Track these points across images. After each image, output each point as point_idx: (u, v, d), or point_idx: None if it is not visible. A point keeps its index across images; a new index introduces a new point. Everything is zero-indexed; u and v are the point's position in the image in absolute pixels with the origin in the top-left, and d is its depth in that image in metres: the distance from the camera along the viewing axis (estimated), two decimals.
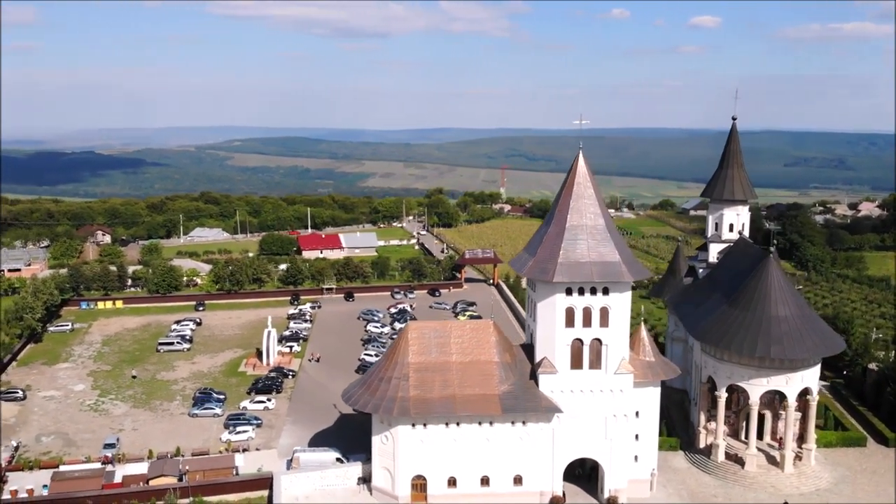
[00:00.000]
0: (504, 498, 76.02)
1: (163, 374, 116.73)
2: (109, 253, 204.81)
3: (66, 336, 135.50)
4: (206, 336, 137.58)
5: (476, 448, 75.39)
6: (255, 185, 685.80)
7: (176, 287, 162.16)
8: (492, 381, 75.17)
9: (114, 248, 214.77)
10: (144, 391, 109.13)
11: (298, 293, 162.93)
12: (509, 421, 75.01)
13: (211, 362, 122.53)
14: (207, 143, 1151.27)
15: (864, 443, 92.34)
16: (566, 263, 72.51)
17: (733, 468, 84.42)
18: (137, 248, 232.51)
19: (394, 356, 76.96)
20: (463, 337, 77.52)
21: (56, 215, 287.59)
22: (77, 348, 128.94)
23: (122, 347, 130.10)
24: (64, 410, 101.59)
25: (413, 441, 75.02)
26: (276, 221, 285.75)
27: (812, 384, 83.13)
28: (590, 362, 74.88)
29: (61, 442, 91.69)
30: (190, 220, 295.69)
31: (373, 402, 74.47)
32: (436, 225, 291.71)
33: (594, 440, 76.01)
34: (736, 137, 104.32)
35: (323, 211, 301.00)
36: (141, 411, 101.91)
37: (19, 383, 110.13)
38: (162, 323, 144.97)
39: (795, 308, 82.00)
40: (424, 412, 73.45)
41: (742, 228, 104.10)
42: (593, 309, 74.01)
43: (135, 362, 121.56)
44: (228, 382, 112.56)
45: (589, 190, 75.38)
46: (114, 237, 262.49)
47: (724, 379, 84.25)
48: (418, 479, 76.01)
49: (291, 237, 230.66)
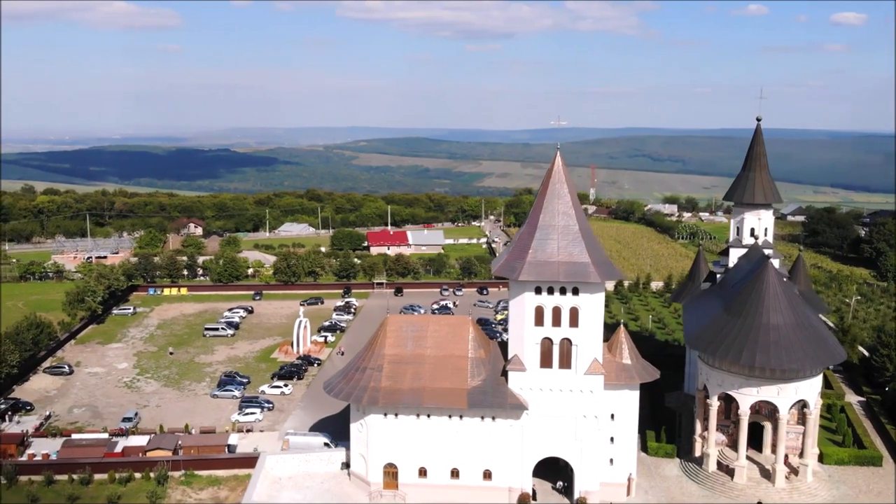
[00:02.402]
0: (473, 491, 77.09)
1: (201, 356, 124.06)
2: (190, 244, 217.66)
3: (126, 319, 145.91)
4: (253, 323, 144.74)
5: (446, 440, 76.85)
6: (375, 184, 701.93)
7: (237, 277, 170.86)
8: (462, 376, 76.44)
9: (194, 239, 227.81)
10: (178, 371, 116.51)
11: (350, 287, 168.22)
12: (478, 416, 76.08)
13: (249, 348, 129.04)
14: (335, 143, 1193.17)
15: (880, 462, 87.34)
16: (534, 262, 72.86)
17: (723, 479, 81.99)
18: (221, 240, 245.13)
19: (372, 347, 79.54)
20: (440, 332, 79.14)
21: (168, 208, 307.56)
22: (133, 330, 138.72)
23: (174, 331, 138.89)
24: (101, 386, 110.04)
25: (384, 430, 77.35)
26: (358, 218, 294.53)
27: (809, 397, 79.64)
28: (560, 362, 74.80)
29: (90, 414, 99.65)
30: (286, 214, 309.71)
31: (346, 391, 77.35)
32: (511, 224, 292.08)
33: (564, 440, 75.88)
34: (760, 139, 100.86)
35: (403, 209, 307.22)
36: (169, 390, 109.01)
37: (71, 359, 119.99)
38: (218, 310, 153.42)
39: (791, 316, 78.73)
40: (393, 402, 75.63)
41: (765, 233, 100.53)
42: (563, 309, 73.93)
43: (180, 345, 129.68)
44: (258, 367, 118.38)
45: (564, 190, 75.33)
46: (205, 229, 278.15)
47: (716, 387, 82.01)
48: (390, 468, 78.25)
49: (361, 233, 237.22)
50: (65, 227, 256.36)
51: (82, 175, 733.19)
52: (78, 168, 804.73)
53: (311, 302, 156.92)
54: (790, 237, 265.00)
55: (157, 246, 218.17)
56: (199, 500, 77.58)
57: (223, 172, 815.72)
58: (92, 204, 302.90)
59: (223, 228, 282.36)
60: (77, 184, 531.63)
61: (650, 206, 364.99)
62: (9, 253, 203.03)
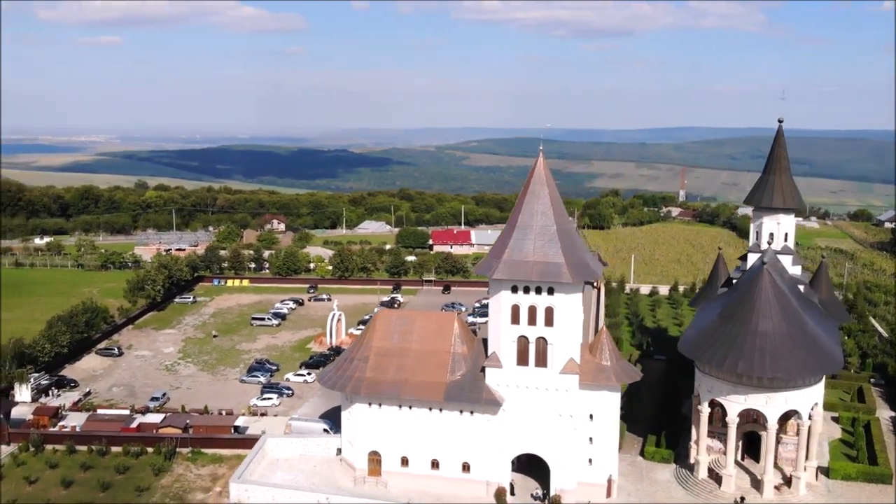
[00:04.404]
0: (453, 483, 79.19)
1: (242, 344, 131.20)
2: (264, 238, 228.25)
3: (185, 307, 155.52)
4: (300, 315, 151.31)
5: (427, 432, 79.28)
6: (484, 184, 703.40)
7: (295, 271, 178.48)
8: (443, 370, 78.67)
9: (269, 234, 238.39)
10: (217, 357, 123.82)
11: (400, 283, 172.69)
12: (457, 409, 78.16)
13: (289, 338, 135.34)
14: (447, 144, 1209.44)
15: (889, 480, 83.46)
16: (509, 261, 74.32)
17: (710, 486, 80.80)
18: (294, 235, 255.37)
19: (363, 340, 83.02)
20: (426, 327, 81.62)
21: (267, 205, 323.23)
22: (188, 318, 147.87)
23: (225, 319, 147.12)
24: (144, 368, 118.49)
25: (369, 419, 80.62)
26: (434, 217, 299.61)
27: (801, 407, 77.40)
28: (536, 360, 75.88)
29: (126, 392, 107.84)
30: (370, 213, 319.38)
31: (333, 380, 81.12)
32: (586, 226, 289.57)
33: (540, 437, 76.91)
34: (781, 141, 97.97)
35: (477, 209, 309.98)
36: (204, 374, 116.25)
37: (125, 343, 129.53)
38: (273, 301, 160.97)
39: (781, 324, 76.74)
40: (375, 392, 78.80)
41: (786, 238, 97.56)
42: (538, 308, 75.00)
43: (227, 332, 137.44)
44: (292, 356, 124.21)
45: (545, 191, 76.31)
46: (287, 225, 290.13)
47: (706, 393, 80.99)
48: (374, 455, 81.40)
49: (425, 231, 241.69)
50: (155, 220, 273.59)
51: (210, 172, 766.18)
52: (206, 166, 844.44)
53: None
54: (878, 245, 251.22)
55: (234, 240, 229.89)
56: (199, 475, 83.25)
57: (340, 172, 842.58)
58: (196, 200, 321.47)
59: (303, 225, 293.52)
60: (204, 181, 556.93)
61: (741, 210, 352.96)
62: (97, 243, 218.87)
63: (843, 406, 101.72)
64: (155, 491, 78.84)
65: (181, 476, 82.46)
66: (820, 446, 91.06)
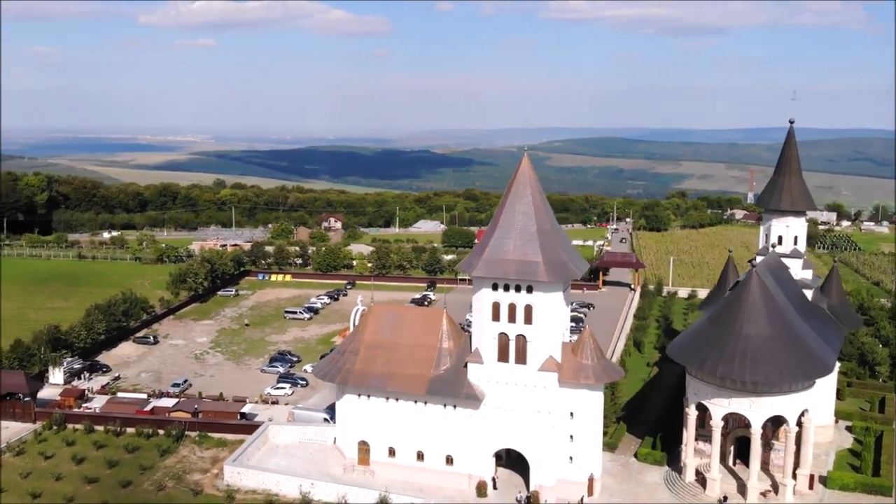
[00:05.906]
0: (437, 474, 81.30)
1: (272, 336, 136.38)
2: (316, 236, 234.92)
3: (227, 299, 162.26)
4: (333, 310, 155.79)
5: (412, 424, 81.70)
6: (565, 185, 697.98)
7: (335, 267, 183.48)
8: (428, 365, 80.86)
9: (320, 232, 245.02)
10: (245, 348, 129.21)
11: (435, 281, 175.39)
12: (441, 403, 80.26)
13: (317, 331, 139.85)
14: (530, 144, 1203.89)
15: (889, 493, 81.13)
16: (489, 259, 75.95)
17: (695, 490, 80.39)
18: (345, 233, 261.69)
19: (356, 333, 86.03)
20: (415, 322, 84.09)
21: (335, 204, 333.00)
22: (228, 310, 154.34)
23: (262, 312, 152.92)
24: (174, 356, 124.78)
25: (358, 409, 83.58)
26: (487, 217, 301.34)
27: (787, 413, 76.19)
28: (516, 357, 77.25)
29: (152, 378, 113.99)
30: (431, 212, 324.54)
31: (325, 371, 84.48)
32: (642, 228, 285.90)
33: (520, 433, 78.21)
34: (792, 142, 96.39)
35: None
36: (229, 363, 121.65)
37: (163, 332, 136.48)
38: (310, 296, 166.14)
39: (768, 328, 75.79)
40: (363, 384, 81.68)
41: (795, 241, 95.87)
42: (518, 306, 76.32)
43: (260, 324, 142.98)
44: (316, 349, 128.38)
45: (527, 191, 77.62)
46: (344, 223, 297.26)
47: (693, 395, 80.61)
48: (363, 445, 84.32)
49: (471, 231, 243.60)
50: (217, 217, 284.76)
51: (298, 172, 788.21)
52: (294, 166, 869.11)
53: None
54: None
55: (287, 237, 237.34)
56: (201, 457, 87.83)
57: (423, 172, 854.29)
58: (269, 198, 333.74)
59: (358, 223, 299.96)
60: (292, 180, 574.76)
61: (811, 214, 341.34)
62: (161, 238, 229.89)
63: (859, 415, 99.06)
64: (157, 470, 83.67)
65: (184, 458, 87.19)
66: (826, 455, 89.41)
